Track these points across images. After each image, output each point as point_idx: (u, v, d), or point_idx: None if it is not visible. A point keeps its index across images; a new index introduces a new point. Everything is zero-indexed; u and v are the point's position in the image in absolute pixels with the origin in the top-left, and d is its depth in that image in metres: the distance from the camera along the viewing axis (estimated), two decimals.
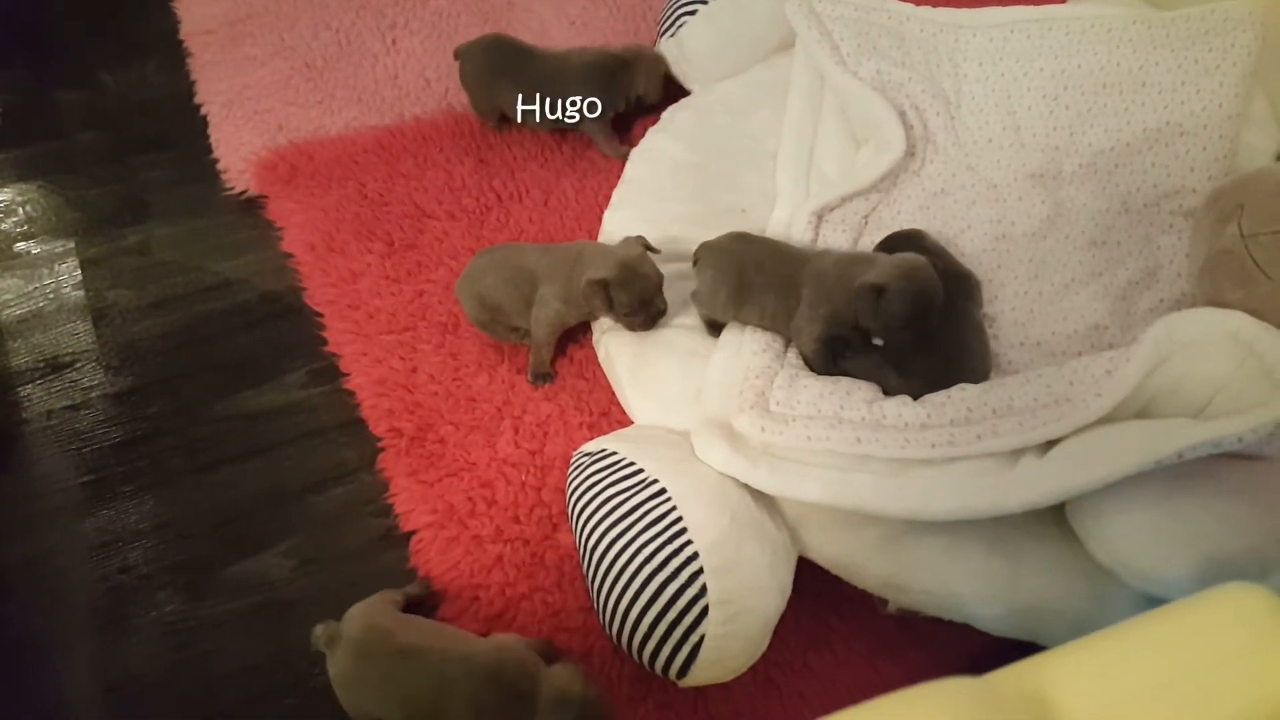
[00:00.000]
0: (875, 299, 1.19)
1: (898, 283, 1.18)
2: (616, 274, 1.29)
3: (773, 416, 1.20)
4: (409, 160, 1.70)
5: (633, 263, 1.30)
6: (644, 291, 1.31)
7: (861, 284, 1.20)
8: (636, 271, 1.30)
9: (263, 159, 1.68)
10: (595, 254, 1.35)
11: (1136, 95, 1.51)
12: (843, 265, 1.27)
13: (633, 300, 1.30)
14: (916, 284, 1.19)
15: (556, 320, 1.40)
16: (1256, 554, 1.00)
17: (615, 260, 1.30)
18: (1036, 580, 1.12)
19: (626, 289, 1.29)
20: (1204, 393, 1.12)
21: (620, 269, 1.29)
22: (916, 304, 1.19)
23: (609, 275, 1.29)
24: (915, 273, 1.19)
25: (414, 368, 1.46)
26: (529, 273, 1.38)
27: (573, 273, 1.35)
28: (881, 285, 1.19)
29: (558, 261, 1.38)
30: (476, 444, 1.39)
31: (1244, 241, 1.21)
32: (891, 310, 1.19)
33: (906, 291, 1.18)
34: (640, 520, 1.12)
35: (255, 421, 1.44)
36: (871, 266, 1.23)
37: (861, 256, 1.28)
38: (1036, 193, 1.49)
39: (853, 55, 1.57)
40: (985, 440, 1.14)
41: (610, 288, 1.29)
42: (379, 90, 1.80)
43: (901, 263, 1.21)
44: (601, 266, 1.30)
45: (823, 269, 1.28)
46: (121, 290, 1.56)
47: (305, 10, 1.90)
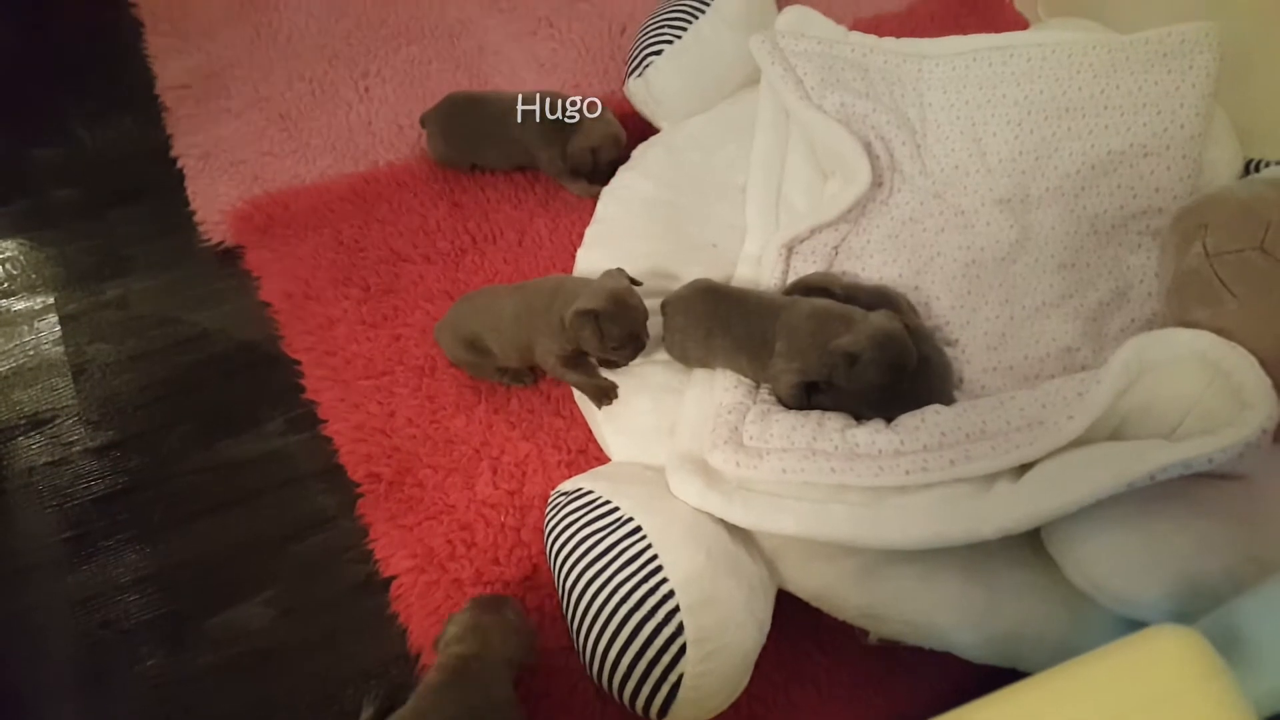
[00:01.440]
0: (850, 366, 1.20)
1: (872, 352, 1.20)
2: (606, 305, 1.26)
3: (747, 451, 1.20)
4: (384, 206, 1.72)
5: (622, 295, 1.28)
6: (634, 324, 1.28)
7: (836, 348, 1.21)
8: (626, 303, 1.28)
9: (239, 210, 1.69)
10: (576, 286, 1.33)
11: (1099, 118, 1.53)
12: (817, 320, 1.26)
13: (623, 332, 1.27)
14: (890, 353, 1.20)
15: (555, 356, 1.35)
16: (1231, 574, 1.00)
17: (605, 292, 1.27)
18: (1014, 606, 1.12)
19: (617, 321, 1.26)
20: (1175, 413, 1.13)
21: (611, 300, 1.26)
22: (891, 373, 1.21)
23: (599, 306, 1.26)
24: (890, 342, 1.20)
25: (391, 412, 1.46)
26: (508, 314, 1.38)
27: (552, 305, 1.32)
28: (856, 354, 1.20)
29: (532, 297, 1.37)
30: (455, 486, 1.39)
31: (1209, 261, 1.22)
32: (866, 377, 1.21)
33: (881, 362, 1.20)
34: (616, 559, 1.12)
35: (234, 471, 1.44)
36: (848, 327, 1.23)
37: (837, 312, 1.26)
38: (1005, 218, 1.51)
39: (817, 89, 1.59)
40: (959, 465, 1.15)
41: (600, 319, 1.26)
42: (353, 138, 1.82)
43: (876, 331, 1.21)
44: (590, 298, 1.27)
45: (795, 323, 1.27)
46: (101, 344, 1.56)
47: (279, 62, 1.92)
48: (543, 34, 2.00)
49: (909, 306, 1.39)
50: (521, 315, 1.37)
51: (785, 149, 1.62)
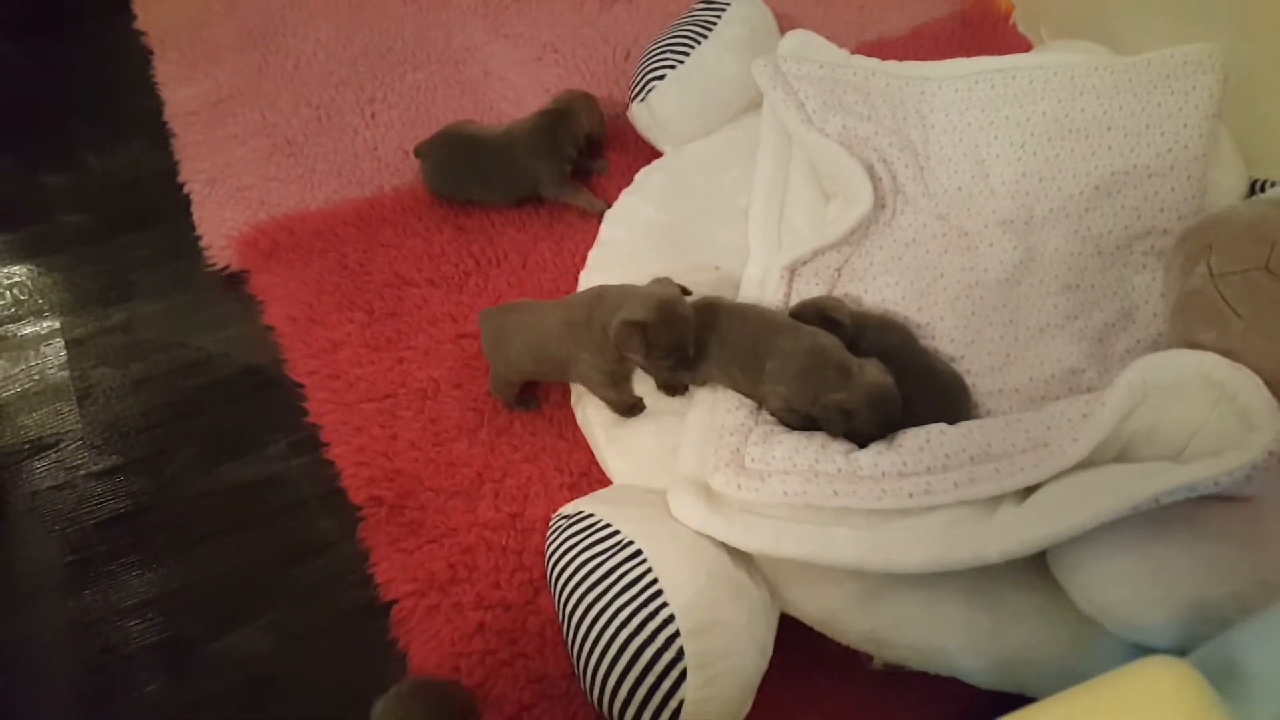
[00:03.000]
0: (844, 419, 1.22)
1: (866, 410, 1.21)
2: (656, 315, 1.19)
3: (748, 473, 1.19)
4: (389, 230, 1.72)
5: (671, 303, 1.21)
6: (682, 334, 1.21)
7: (831, 403, 1.22)
8: (675, 312, 1.20)
9: (245, 235, 1.70)
10: (621, 296, 1.26)
11: (1102, 139, 1.53)
12: (814, 359, 1.24)
13: (670, 343, 1.20)
14: (883, 411, 1.22)
15: (598, 374, 1.30)
16: (1238, 598, 0.98)
17: (654, 300, 1.21)
18: (1020, 631, 1.11)
19: (666, 331, 1.19)
20: (1181, 435, 1.11)
21: (659, 310, 1.19)
22: (882, 428, 1.22)
23: (646, 317, 1.19)
24: (884, 401, 1.22)
25: (394, 435, 1.46)
26: (553, 331, 1.33)
27: (593, 316, 1.26)
28: (851, 410, 1.21)
29: (573, 310, 1.31)
30: (457, 509, 1.39)
31: (1214, 281, 1.21)
32: (858, 430, 1.22)
33: (873, 420, 1.22)
34: (617, 583, 1.11)
35: (237, 495, 1.44)
36: (843, 378, 1.23)
37: (834, 360, 1.24)
38: (1008, 239, 1.50)
39: (819, 112, 1.59)
40: (962, 488, 1.14)
41: (649, 330, 1.19)
42: (359, 163, 1.83)
43: (871, 389, 1.22)
44: (637, 307, 1.20)
45: (792, 351, 1.26)
46: (106, 369, 1.57)
47: (285, 88, 1.94)
48: (547, 60, 2.01)
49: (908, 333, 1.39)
50: (564, 332, 1.31)
51: (787, 172, 1.62)
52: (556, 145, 1.69)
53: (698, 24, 1.74)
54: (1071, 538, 1.05)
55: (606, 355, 1.27)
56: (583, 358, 1.30)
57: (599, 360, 1.29)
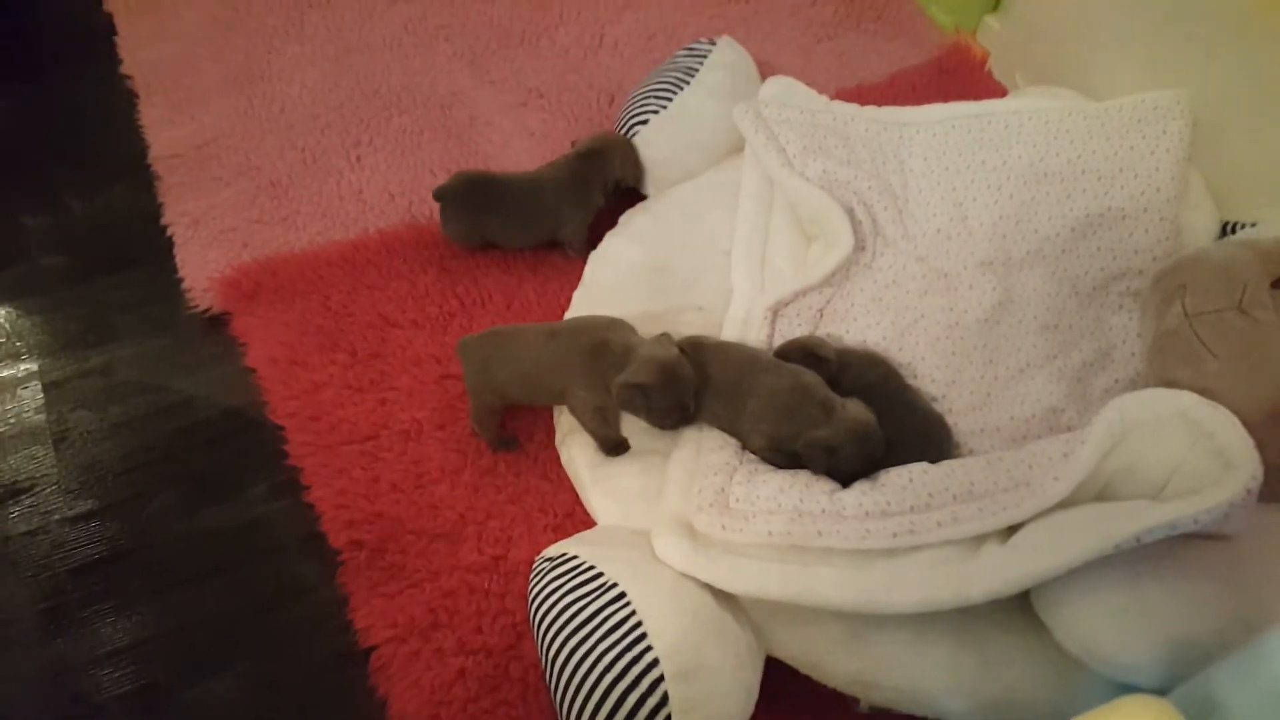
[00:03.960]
0: (827, 456, 1.23)
1: (850, 447, 1.22)
2: (658, 378, 1.25)
3: (733, 514, 1.19)
4: (373, 272, 1.72)
5: (671, 366, 1.26)
6: (682, 394, 1.27)
7: (814, 440, 1.23)
8: (676, 375, 1.26)
9: (227, 277, 1.70)
10: (622, 349, 1.30)
11: (1077, 182, 1.56)
12: (797, 398, 1.26)
13: (670, 404, 1.26)
14: (867, 449, 1.23)
15: (590, 409, 1.35)
16: (1221, 636, 0.99)
17: (655, 364, 1.26)
18: (1005, 671, 1.10)
19: (665, 393, 1.25)
20: (1161, 473, 1.12)
21: (660, 374, 1.25)
22: (865, 466, 1.23)
23: (648, 380, 1.24)
24: (867, 440, 1.23)
25: (375, 477, 1.45)
26: (544, 364, 1.36)
27: (596, 364, 1.30)
28: (835, 447, 1.22)
29: (568, 350, 1.34)
30: (439, 553, 1.37)
31: (1189, 321, 1.23)
32: (839, 468, 1.24)
33: (857, 457, 1.23)
34: (600, 627, 1.10)
35: (215, 539, 1.42)
36: (827, 416, 1.24)
37: (817, 396, 1.27)
38: (987, 280, 1.52)
39: (799, 156, 1.61)
40: (946, 528, 1.14)
41: (650, 392, 1.25)
42: (344, 205, 1.83)
43: (856, 426, 1.23)
44: (639, 371, 1.26)
45: (776, 388, 1.28)
46: (83, 412, 1.55)
47: (271, 132, 1.95)
48: (533, 105, 2.03)
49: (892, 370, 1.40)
50: (558, 367, 1.35)
51: (769, 214, 1.64)
52: (585, 190, 1.68)
53: (680, 70, 1.77)
54: (1055, 577, 1.05)
55: (599, 391, 1.31)
56: (577, 394, 1.34)
57: (591, 395, 1.33)
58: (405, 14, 2.21)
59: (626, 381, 1.25)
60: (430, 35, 2.17)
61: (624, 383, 1.25)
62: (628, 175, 1.73)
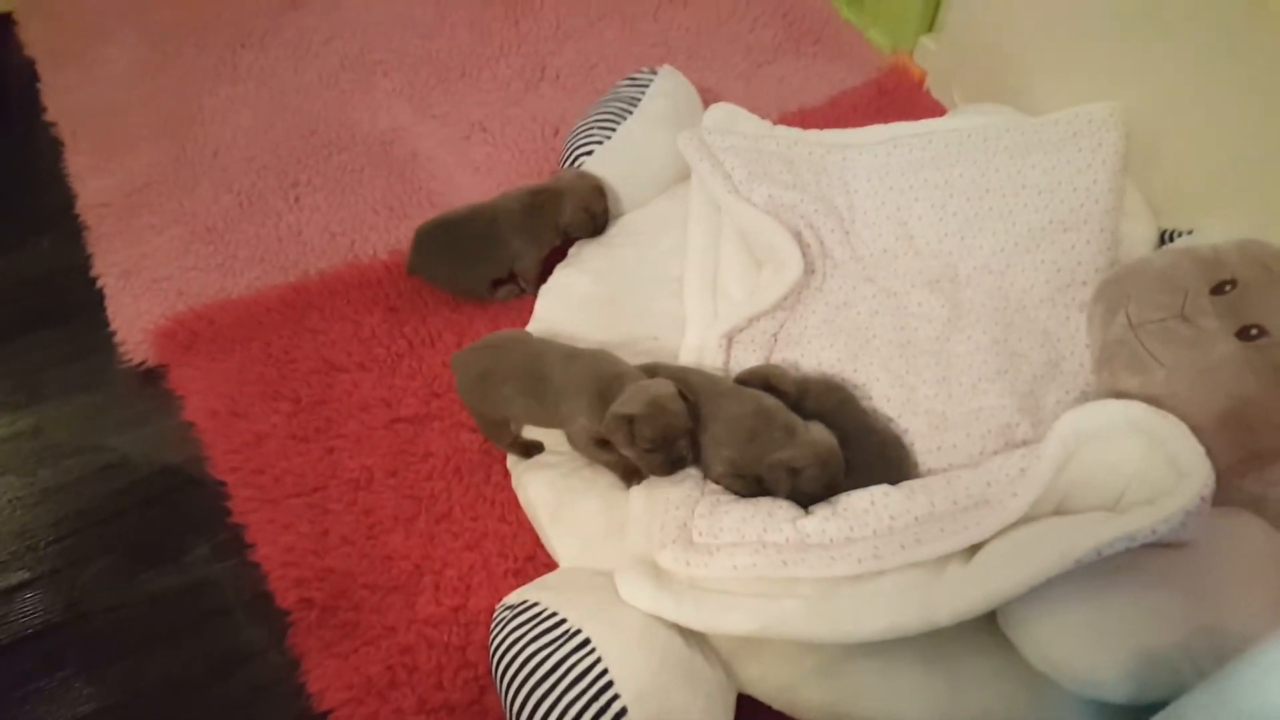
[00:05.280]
0: (790, 478, 1.22)
1: (814, 469, 1.21)
2: (644, 410, 1.22)
3: (696, 549, 1.17)
4: (315, 315, 1.68)
5: (663, 401, 1.24)
6: (668, 429, 1.23)
7: (778, 461, 1.22)
8: (665, 409, 1.23)
9: (161, 327, 1.64)
10: (630, 386, 1.28)
11: (1019, 197, 1.57)
12: (760, 422, 1.25)
13: (655, 436, 1.23)
14: (829, 472, 1.22)
15: (588, 435, 1.31)
16: (1186, 647, 0.99)
17: (647, 397, 1.23)
18: (977, 694, 1.09)
19: (651, 424, 1.22)
20: (1116, 484, 1.12)
21: (649, 406, 1.22)
22: (827, 489, 1.23)
23: (635, 411, 1.22)
24: (829, 462, 1.23)
25: (324, 530, 1.40)
26: (554, 386, 1.32)
27: (607, 391, 1.28)
28: (798, 469, 1.21)
29: (586, 380, 1.30)
30: (394, 606, 1.32)
31: (1134, 331, 1.24)
32: (804, 490, 1.22)
33: (820, 479, 1.22)
34: (565, 677, 1.06)
35: (157, 606, 1.36)
36: (790, 438, 1.23)
37: (780, 420, 1.26)
38: (935, 298, 1.52)
39: (745, 182, 1.61)
40: (909, 550, 1.13)
41: (634, 422, 1.22)
42: (283, 248, 1.79)
43: (819, 448, 1.23)
44: (630, 402, 1.24)
45: (737, 414, 1.26)
46: (11, 477, 1.48)
47: (205, 175, 1.90)
48: (476, 139, 2.01)
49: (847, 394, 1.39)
50: (570, 392, 1.31)
51: (718, 241, 1.63)
52: (537, 225, 1.64)
53: (623, 100, 1.76)
54: (1019, 594, 1.04)
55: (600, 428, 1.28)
56: (578, 421, 1.31)
57: (592, 425, 1.29)
58: (341, 51, 2.18)
59: (616, 412, 1.23)
60: (368, 71, 2.14)
61: (614, 413, 1.23)
62: (575, 225, 1.66)
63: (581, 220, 1.66)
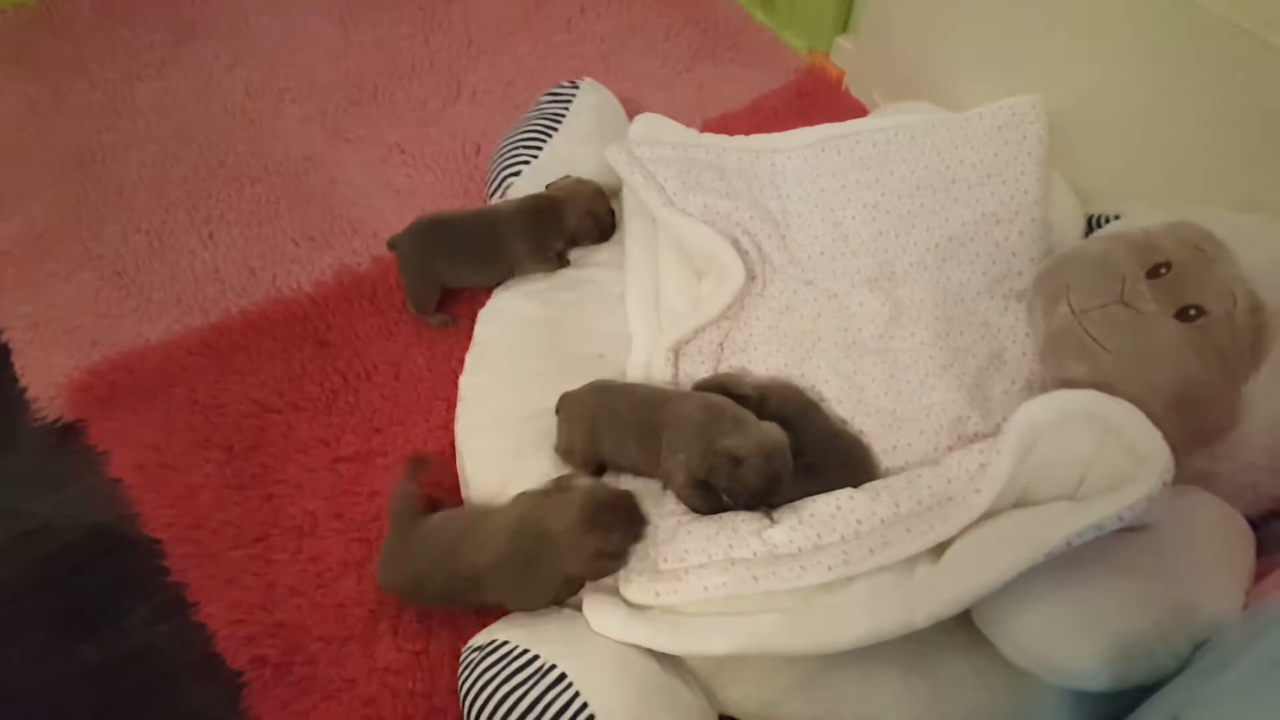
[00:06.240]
0: (733, 468, 1.19)
1: (756, 459, 1.18)
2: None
3: (664, 576, 1.14)
4: (240, 356, 1.60)
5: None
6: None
7: (722, 449, 1.19)
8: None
9: (77, 380, 1.55)
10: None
11: (949, 192, 1.59)
12: (709, 415, 1.24)
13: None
14: (773, 465, 1.19)
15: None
16: (1160, 628, 1.00)
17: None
18: (958, 695, 1.09)
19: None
20: (1075, 473, 1.14)
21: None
22: (768, 482, 1.20)
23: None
24: (775, 454, 1.20)
25: (271, 583, 1.33)
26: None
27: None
28: (740, 457, 1.18)
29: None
30: (353, 657, 1.27)
31: (1076, 319, 1.25)
32: (744, 481, 1.19)
33: (763, 470, 1.19)
34: (543, 716, 1.03)
35: (97, 678, 1.27)
36: (738, 429, 1.21)
37: (729, 412, 1.25)
38: (875, 297, 1.53)
39: (679, 193, 1.60)
40: (878, 554, 1.13)
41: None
42: (200, 288, 1.71)
43: (764, 440, 1.20)
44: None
45: (685, 413, 1.25)
46: None
47: (111, 216, 1.80)
48: (395, 161, 1.95)
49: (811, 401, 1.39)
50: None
51: (656, 254, 1.61)
52: (539, 229, 1.60)
53: (545, 117, 1.73)
54: (993, 591, 1.04)
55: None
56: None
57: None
58: (245, 79, 2.10)
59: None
60: (275, 98, 2.07)
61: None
62: (583, 231, 1.64)
63: (588, 226, 1.63)
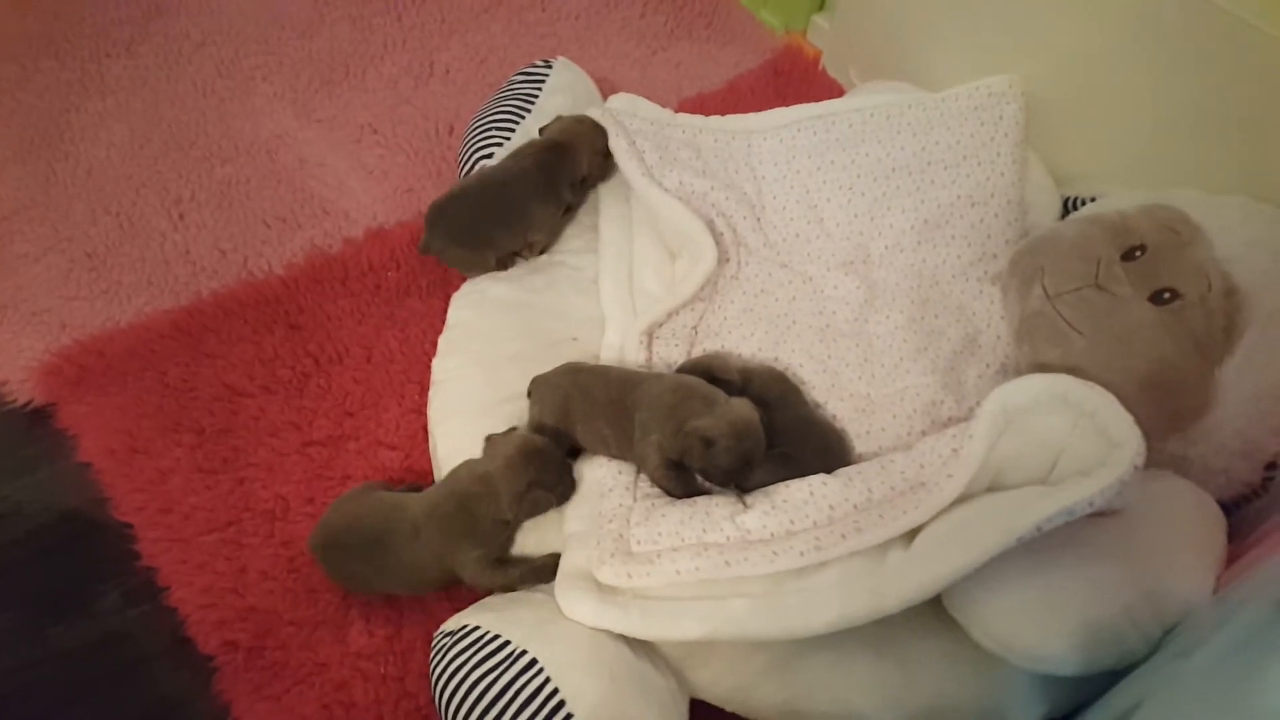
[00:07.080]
0: (705, 448, 1.18)
1: (728, 440, 1.17)
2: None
3: (637, 559, 1.14)
4: (211, 338, 1.59)
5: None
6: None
7: (693, 430, 1.18)
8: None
9: (46, 364, 1.53)
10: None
11: (925, 174, 1.58)
12: (680, 395, 1.23)
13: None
14: (745, 444, 1.18)
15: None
16: (1130, 612, 1.01)
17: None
18: (929, 677, 1.10)
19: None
20: (1047, 457, 1.14)
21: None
22: (740, 462, 1.18)
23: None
24: (747, 432, 1.19)
25: (242, 567, 1.32)
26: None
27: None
28: (712, 438, 1.17)
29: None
30: (324, 641, 1.26)
31: (1051, 302, 1.25)
32: (716, 462, 1.18)
33: (735, 450, 1.17)
34: (514, 700, 1.03)
35: (68, 662, 1.26)
36: (709, 409, 1.21)
37: (700, 391, 1.24)
38: (850, 279, 1.53)
39: (657, 167, 1.58)
40: (850, 539, 1.12)
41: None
42: (170, 270, 1.68)
43: (736, 420, 1.19)
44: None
45: (657, 393, 1.25)
46: None
47: (79, 197, 1.77)
48: (367, 141, 1.93)
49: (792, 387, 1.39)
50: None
51: (630, 235, 1.60)
52: (553, 185, 1.56)
53: (518, 97, 1.71)
54: (964, 576, 1.05)
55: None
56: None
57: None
58: (215, 57, 2.06)
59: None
60: (245, 77, 2.03)
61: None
62: (595, 170, 1.61)
63: (599, 164, 1.61)
